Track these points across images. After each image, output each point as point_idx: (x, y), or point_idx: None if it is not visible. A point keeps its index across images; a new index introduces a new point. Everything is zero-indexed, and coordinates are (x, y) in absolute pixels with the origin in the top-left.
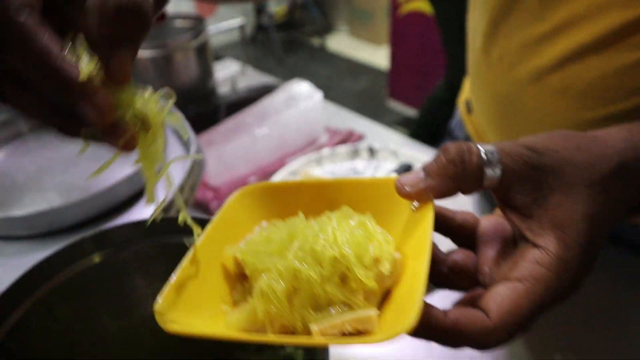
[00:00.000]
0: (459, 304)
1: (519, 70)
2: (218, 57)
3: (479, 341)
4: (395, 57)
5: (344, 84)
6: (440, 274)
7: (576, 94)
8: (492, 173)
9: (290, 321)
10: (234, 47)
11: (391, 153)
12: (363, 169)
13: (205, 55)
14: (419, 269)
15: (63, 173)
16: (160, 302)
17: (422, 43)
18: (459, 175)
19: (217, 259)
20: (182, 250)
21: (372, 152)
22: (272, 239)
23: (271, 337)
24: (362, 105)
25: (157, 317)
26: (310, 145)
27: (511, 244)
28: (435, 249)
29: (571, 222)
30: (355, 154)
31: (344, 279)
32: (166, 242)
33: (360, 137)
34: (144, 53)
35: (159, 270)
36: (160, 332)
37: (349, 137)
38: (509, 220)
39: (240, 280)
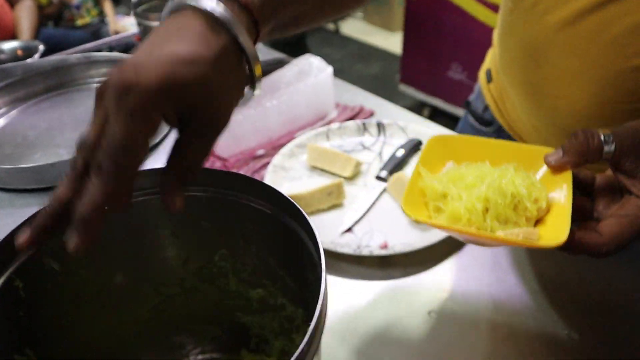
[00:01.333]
0: (580, 229)
1: (554, 15)
2: None
3: (595, 250)
4: (408, 42)
5: (357, 68)
6: None
7: (609, 40)
8: (609, 149)
9: (483, 227)
10: None
11: (400, 129)
12: (371, 144)
13: None
14: (566, 207)
15: (73, 131)
16: (405, 201)
17: (435, 27)
18: (586, 152)
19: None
20: (191, 203)
21: (380, 127)
22: (464, 175)
23: (474, 231)
24: (374, 89)
25: (406, 211)
26: (320, 120)
27: (618, 194)
28: None
29: None
30: (363, 129)
31: (516, 207)
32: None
33: (370, 114)
34: (153, 24)
35: (167, 223)
36: (163, 289)
37: (359, 113)
38: (619, 179)
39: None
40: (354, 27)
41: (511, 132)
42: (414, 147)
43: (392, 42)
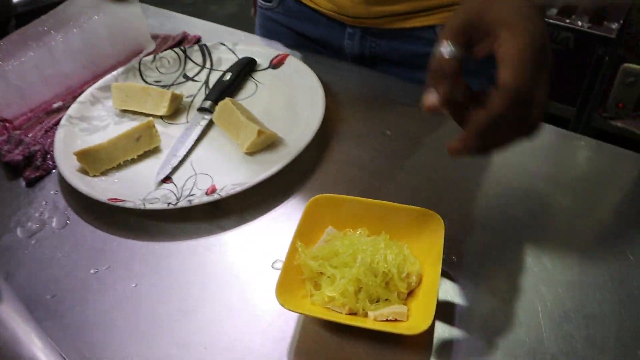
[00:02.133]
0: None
1: None
2: None
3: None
4: None
5: (212, 10)
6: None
7: None
8: (457, 52)
9: (356, 309)
10: None
11: (228, 50)
12: (195, 74)
13: None
14: (433, 283)
15: None
16: (277, 289)
17: None
18: (448, 73)
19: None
20: None
21: (205, 51)
22: (338, 252)
23: (345, 319)
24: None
25: (280, 301)
26: (136, 56)
27: None
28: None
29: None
30: (185, 57)
31: (387, 284)
32: None
33: (197, 40)
34: None
35: None
36: None
37: (182, 41)
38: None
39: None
40: None
41: None
42: (245, 67)
43: None
